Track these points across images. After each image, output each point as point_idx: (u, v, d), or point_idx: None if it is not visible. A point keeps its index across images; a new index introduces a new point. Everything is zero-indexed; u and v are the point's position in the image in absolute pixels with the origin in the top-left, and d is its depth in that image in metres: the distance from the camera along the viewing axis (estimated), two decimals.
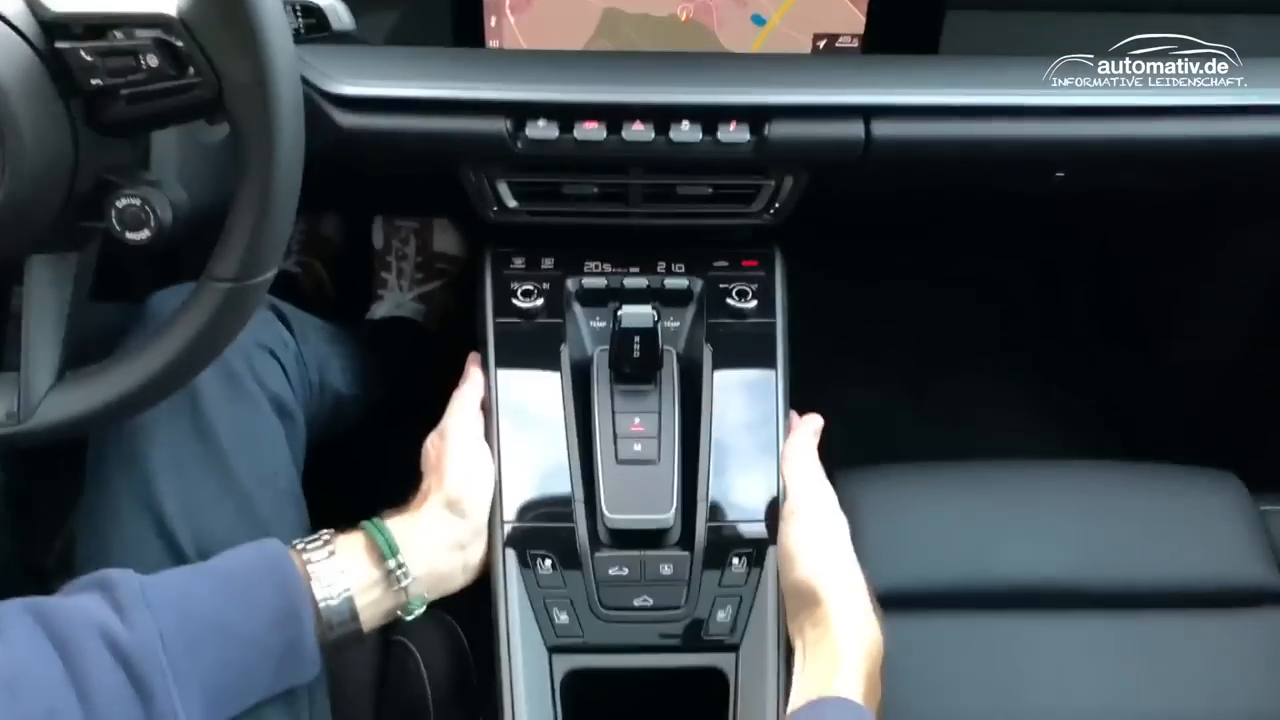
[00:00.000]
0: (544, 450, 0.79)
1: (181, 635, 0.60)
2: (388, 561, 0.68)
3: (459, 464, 0.75)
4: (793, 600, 0.71)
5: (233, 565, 0.65)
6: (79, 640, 0.57)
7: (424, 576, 0.70)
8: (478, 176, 0.81)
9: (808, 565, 0.70)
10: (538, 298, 0.85)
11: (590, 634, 0.73)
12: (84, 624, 0.58)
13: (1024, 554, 0.88)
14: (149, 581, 0.62)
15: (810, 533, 0.73)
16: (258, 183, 0.56)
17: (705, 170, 0.81)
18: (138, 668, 0.57)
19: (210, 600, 0.62)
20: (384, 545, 0.68)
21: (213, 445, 0.72)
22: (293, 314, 0.85)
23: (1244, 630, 0.87)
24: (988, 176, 0.90)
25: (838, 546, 0.73)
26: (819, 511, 0.75)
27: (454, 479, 0.74)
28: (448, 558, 0.72)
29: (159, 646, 0.58)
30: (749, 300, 0.85)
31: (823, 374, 1.39)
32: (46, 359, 0.61)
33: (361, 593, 0.67)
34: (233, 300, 0.58)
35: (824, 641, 0.66)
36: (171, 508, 0.70)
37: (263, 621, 0.63)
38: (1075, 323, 1.52)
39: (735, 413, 0.82)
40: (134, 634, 0.58)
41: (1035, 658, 0.84)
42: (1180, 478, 0.95)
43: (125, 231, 0.58)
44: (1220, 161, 0.85)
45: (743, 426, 0.82)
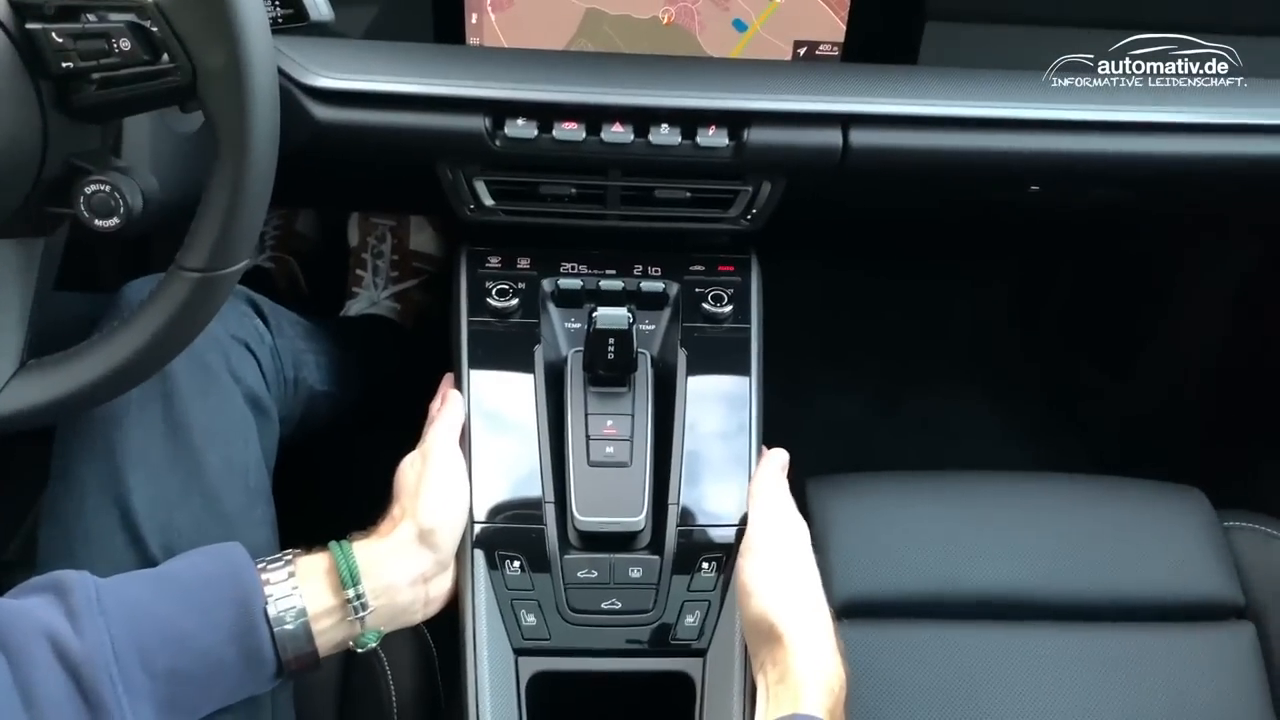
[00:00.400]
0: (515, 451, 0.79)
1: (134, 645, 0.58)
2: (346, 591, 0.66)
3: (436, 494, 0.72)
4: (752, 637, 0.70)
5: (191, 574, 0.64)
6: (27, 647, 0.55)
7: (382, 609, 0.68)
8: (454, 174, 0.80)
9: (764, 601, 0.69)
10: (513, 297, 0.84)
11: (558, 637, 0.73)
12: (33, 629, 0.56)
13: (991, 565, 0.89)
14: (104, 586, 0.60)
15: (767, 568, 0.72)
16: (230, 172, 0.56)
17: (684, 174, 0.81)
18: (87, 677, 0.56)
19: (166, 609, 0.61)
20: (345, 574, 0.66)
21: (183, 439, 0.71)
22: (269, 308, 0.84)
23: (1206, 643, 0.88)
24: (963, 188, 0.90)
25: (798, 583, 0.71)
26: (779, 548, 0.73)
27: (428, 509, 0.71)
28: (409, 591, 0.70)
29: (110, 656, 0.57)
30: (725, 305, 0.85)
31: (797, 383, 1.40)
32: (9, 346, 0.60)
33: (315, 619, 0.65)
34: (202, 290, 0.58)
35: (785, 681, 0.65)
36: (138, 502, 0.69)
37: (220, 634, 0.62)
38: (1047, 338, 1.53)
39: (708, 417, 0.82)
40: (84, 642, 0.57)
41: (1000, 668, 0.85)
42: (1146, 492, 0.96)
43: (94, 218, 0.57)
44: (1191, 178, 0.86)
45: (716, 431, 0.81)
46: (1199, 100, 0.80)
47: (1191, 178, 0.86)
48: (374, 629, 0.68)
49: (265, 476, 0.77)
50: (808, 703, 0.63)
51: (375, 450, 0.80)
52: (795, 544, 0.74)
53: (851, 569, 0.88)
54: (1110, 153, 0.80)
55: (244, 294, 0.83)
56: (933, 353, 1.49)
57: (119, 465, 0.69)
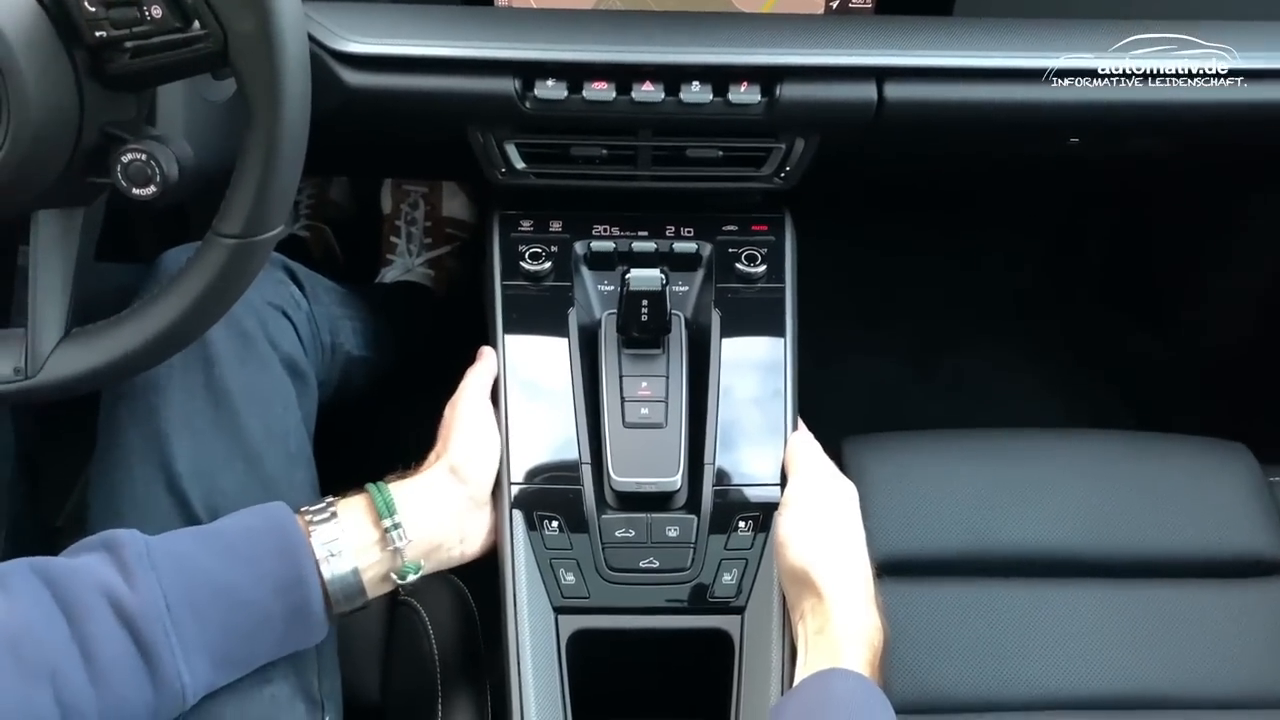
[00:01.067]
0: (551, 414, 0.79)
1: (186, 598, 0.60)
2: (384, 521, 0.68)
3: (464, 432, 0.75)
4: (790, 589, 0.71)
5: (237, 529, 0.65)
6: (84, 601, 0.57)
7: (419, 540, 0.70)
8: (485, 137, 0.80)
9: (800, 553, 0.70)
10: (545, 261, 0.84)
11: (596, 595, 0.73)
12: (89, 585, 0.58)
13: (1030, 522, 0.88)
14: (154, 543, 0.62)
15: (804, 521, 0.72)
16: (263, 138, 0.56)
17: (715, 132, 0.80)
18: (142, 630, 0.58)
19: (215, 564, 0.62)
20: (381, 505, 0.68)
21: (225, 405, 0.72)
22: (305, 275, 0.85)
23: (1250, 600, 0.87)
24: (1001, 141, 0.89)
25: (835, 537, 0.72)
26: (817, 502, 0.74)
27: (458, 445, 0.74)
28: (445, 523, 0.72)
29: (164, 609, 0.59)
30: (758, 265, 0.85)
31: (830, 345, 1.39)
32: (53, 315, 0.61)
33: (359, 553, 0.67)
34: (239, 256, 0.58)
35: (824, 632, 0.66)
36: (183, 466, 0.70)
37: (267, 587, 0.63)
38: (1088, 295, 1.51)
39: (743, 378, 0.82)
40: (139, 596, 0.58)
41: (1039, 624, 0.84)
42: (1190, 447, 0.95)
43: (131, 187, 0.58)
44: (1234, 126, 0.84)
45: (750, 392, 0.81)
46: (1243, 44, 0.78)
47: (1235, 125, 0.84)
48: (414, 561, 0.70)
49: (306, 441, 0.78)
50: (848, 657, 0.64)
51: (411, 415, 0.80)
52: (837, 500, 0.75)
53: (889, 528, 0.87)
54: (1151, 101, 0.78)
55: (280, 261, 0.83)
56: (967, 313, 1.47)
57: (163, 431, 0.70)
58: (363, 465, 0.75)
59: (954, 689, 0.82)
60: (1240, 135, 0.88)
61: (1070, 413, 1.39)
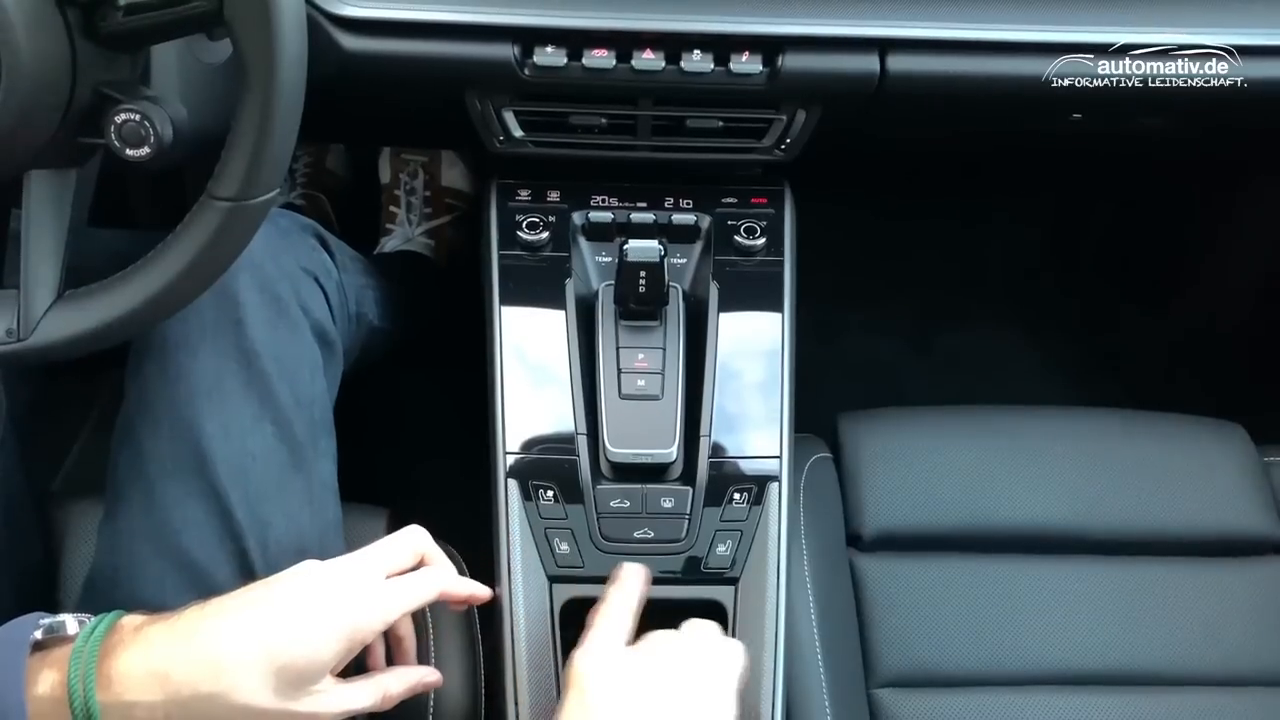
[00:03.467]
0: (547, 384, 0.79)
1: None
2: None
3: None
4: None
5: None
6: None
7: None
8: (483, 104, 0.79)
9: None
10: (543, 231, 0.84)
11: (591, 564, 0.73)
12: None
13: (1025, 498, 0.89)
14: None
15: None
16: (258, 99, 0.55)
17: (716, 103, 0.79)
18: None
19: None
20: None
21: (254, 367, 0.71)
22: (334, 243, 0.84)
23: (1242, 579, 0.87)
24: (1003, 115, 0.88)
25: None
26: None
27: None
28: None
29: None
30: (757, 238, 0.84)
31: (828, 321, 1.39)
32: (46, 276, 0.61)
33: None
34: (234, 219, 0.58)
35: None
36: (211, 426, 0.69)
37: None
38: (1087, 274, 1.50)
39: (740, 351, 0.81)
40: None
41: (1031, 599, 0.85)
42: (1185, 427, 0.95)
43: (125, 148, 0.57)
44: (1243, 105, 0.83)
45: (747, 365, 0.81)
46: (1258, 22, 0.77)
47: (1243, 104, 0.83)
48: None
49: (329, 410, 0.77)
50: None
51: (416, 385, 0.80)
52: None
53: (883, 503, 0.88)
54: (1159, 77, 0.77)
55: (311, 227, 0.82)
56: (966, 290, 1.47)
57: (192, 389, 0.69)
58: (371, 436, 0.74)
59: (944, 663, 0.83)
60: (1246, 117, 0.88)
61: (1067, 391, 1.40)
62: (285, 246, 0.77)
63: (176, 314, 0.66)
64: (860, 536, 0.87)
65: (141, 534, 0.68)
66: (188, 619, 0.56)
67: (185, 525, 0.67)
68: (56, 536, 0.80)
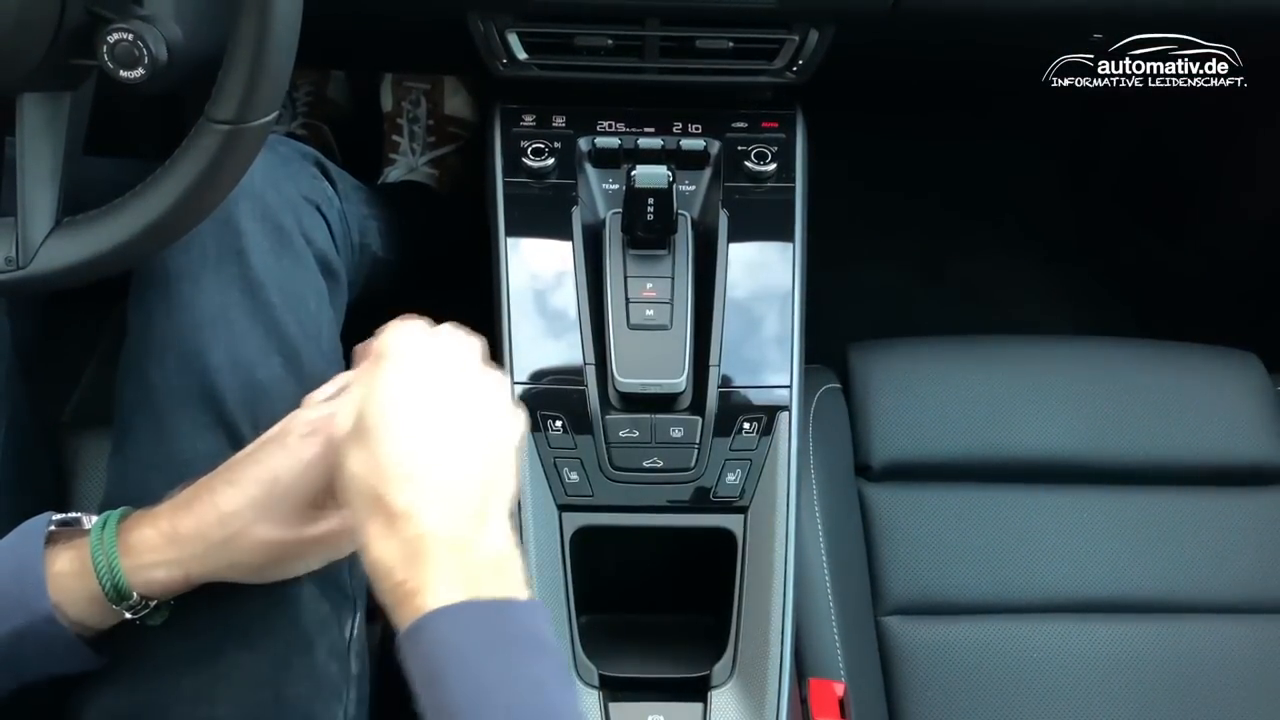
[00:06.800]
0: (555, 315, 0.78)
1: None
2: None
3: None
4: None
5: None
6: None
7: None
8: (486, 25, 0.77)
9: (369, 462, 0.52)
10: (549, 157, 0.82)
11: (600, 493, 0.73)
12: None
13: (1035, 428, 0.88)
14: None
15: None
16: (254, 18, 0.54)
17: (726, 22, 0.77)
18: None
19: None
20: (110, 590, 0.56)
21: (260, 298, 0.70)
22: (335, 172, 0.82)
23: (1252, 508, 0.87)
24: (1021, 35, 0.85)
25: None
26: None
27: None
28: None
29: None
30: (768, 163, 0.82)
31: (839, 251, 1.36)
32: (44, 203, 0.59)
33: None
34: (232, 143, 0.56)
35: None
36: (218, 358, 0.68)
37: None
38: (1101, 203, 1.48)
39: (750, 280, 0.80)
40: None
41: (1041, 529, 0.85)
42: (1198, 356, 0.94)
43: (118, 69, 0.56)
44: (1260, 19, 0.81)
45: (757, 294, 0.80)
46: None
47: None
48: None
49: (337, 341, 0.76)
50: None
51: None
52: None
53: (892, 433, 0.87)
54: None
55: (312, 155, 0.81)
56: (978, 220, 1.45)
57: (197, 321, 0.68)
58: None
59: (952, 591, 0.83)
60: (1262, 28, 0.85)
61: (1079, 320, 1.38)
62: (286, 175, 0.76)
63: (178, 244, 0.66)
64: (869, 466, 0.87)
65: (151, 465, 0.68)
66: (190, 489, 0.59)
67: (196, 456, 0.67)
68: (67, 466, 0.81)
